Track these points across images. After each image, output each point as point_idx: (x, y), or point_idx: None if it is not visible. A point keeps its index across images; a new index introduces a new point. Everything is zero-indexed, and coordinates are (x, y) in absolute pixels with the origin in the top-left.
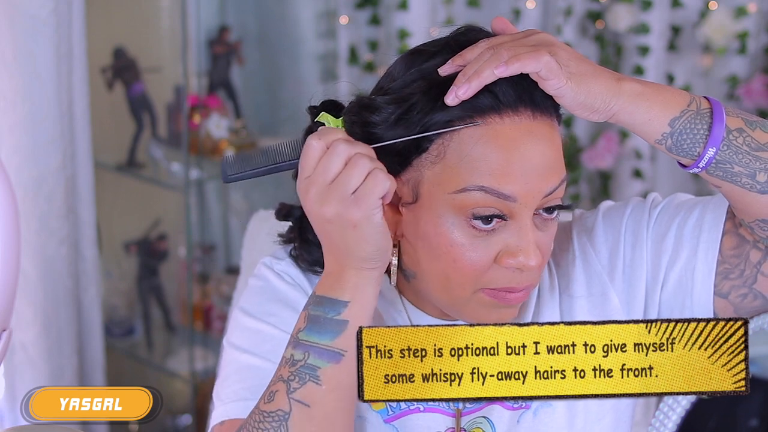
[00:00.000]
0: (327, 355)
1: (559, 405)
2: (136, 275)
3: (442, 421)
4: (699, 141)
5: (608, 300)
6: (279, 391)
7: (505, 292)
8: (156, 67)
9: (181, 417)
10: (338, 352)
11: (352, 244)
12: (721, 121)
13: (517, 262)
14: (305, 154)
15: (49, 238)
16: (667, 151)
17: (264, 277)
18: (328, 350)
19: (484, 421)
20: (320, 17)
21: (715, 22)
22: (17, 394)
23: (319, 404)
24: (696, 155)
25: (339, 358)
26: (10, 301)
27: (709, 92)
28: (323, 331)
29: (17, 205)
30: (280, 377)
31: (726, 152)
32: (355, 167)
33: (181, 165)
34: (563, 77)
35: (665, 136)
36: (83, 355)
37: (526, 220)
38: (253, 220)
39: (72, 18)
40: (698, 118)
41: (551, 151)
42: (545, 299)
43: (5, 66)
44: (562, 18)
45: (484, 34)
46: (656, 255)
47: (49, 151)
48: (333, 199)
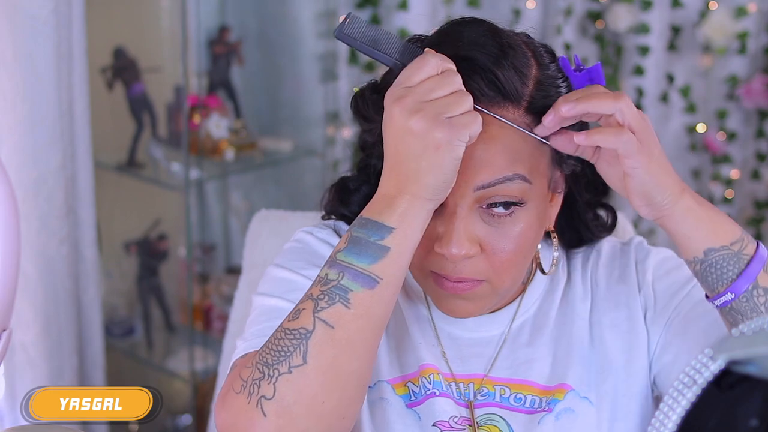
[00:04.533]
0: (362, 279)
1: (581, 410)
2: (136, 275)
3: (455, 407)
4: (724, 281)
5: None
6: (305, 309)
7: (442, 278)
8: (156, 67)
9: (181, 417)
10: (374, 277)
11: (424, 167)
12: (751, 274)
13: (441, 248)
14: (417, 65)
15: (49, 238)
16: (694, 275)
17: (303, 240)
18: (363, 274)
19: (500, 420)
20: (320, 17)
21: (715, 22)
22: (17, 394)
23: (344, 328)
24: (716, 291)
25: (373, 284)
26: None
27: (709, 92)
28: (362, 253)
29: (17, 205)
30: (310, 296)
31: (744, 304)
32: (461, 97)
33: (181, 165)
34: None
35: (696, 261)
36: (83, 355)
37: (459, 211)
38: (255, 219)
39: (72, 18)
40: (734, 260)
41: (495, 146)
42: (575, 305)
43: (5, 66)
44: (562, 18)
45: (479, 23)
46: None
47: (49, 151)
48: (428, 113)
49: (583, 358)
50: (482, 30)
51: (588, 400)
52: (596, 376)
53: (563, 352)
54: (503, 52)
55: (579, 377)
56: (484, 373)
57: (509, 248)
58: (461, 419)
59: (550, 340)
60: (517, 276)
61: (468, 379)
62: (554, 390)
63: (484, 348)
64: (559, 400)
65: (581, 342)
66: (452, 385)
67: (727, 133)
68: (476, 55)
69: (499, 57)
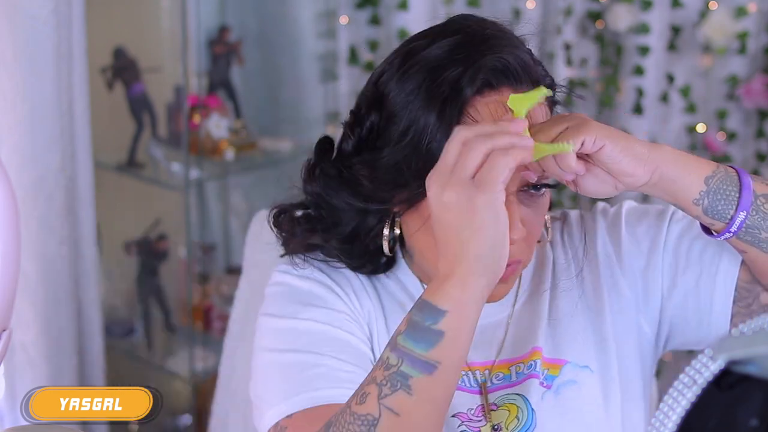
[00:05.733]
0: (420, 365)
1: (585, 381)
2: (136, 275)
3: (471, 399)
4: (731, 203)
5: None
6: (371, 394)
7: None
8: (156, 67)
9: (181, 417)
10: (432, 363)
11: (468, 237)
12: (748, 186)
13: None
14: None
15: (49, 239)
16: (703, 214)
17: (285, 283)
18: (422, 360)
19: (516, 397)
20: (320, 17)
21: (715, 22)
22: (17, 394)
23: (409, 414)
24: (728, 218)
25: (432, 369)
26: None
27: (709, 92)
28: (419, 338)
29: (17, 205)
30: (374, 379)
31: (755, 217)
32: (471, 150)
33: (181, 165)
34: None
35: (702, 195)
36: (83, 355)
37: (508, 196)
38: (255, 219)
39: (72, 18)
40: (728, 179)
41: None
42: (561, 275)
43: (5, 66)
44: (562, 18)
45: (479, 20)
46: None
47: (49, 151)
48: (454, 183)
49: (577, 328)
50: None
51: (588, 368)
52: (595, 345)
53: (558, 325)
54: (519, 40)
55: (575, 348)
56: (494, 358)
57: (541, 225)
58: (477, 409)
59: (546, 314)
60: None
61: (483, 366)
62: (551, 364)
63: (493, 333)
64: (555, 376)
65: (573, 312)
66: (468, 375)
67: (727, 133)
68: (500, 41)
69: (519, 43)
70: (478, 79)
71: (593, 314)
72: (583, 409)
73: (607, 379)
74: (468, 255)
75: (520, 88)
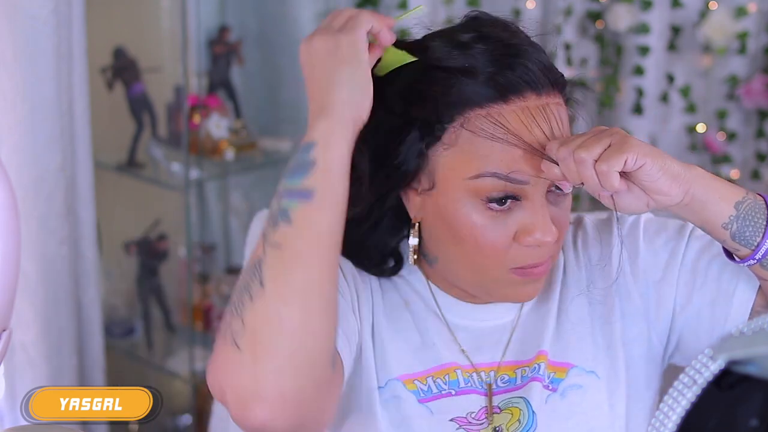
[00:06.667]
0: (297, 195)
1: (591, 386)
2: (136, 275)
3: (476, 400)
4: (759, 230)
5: (631, 297)
6: (258, 245)
7: (531, 268)
8: (156, 67)
9: (181, 417)
10: (308, 191)
11: (332, 72)
12: None
13: (535, 239)
14: None
15: (49, 238)
16: (730, 239)
17: None
18: (297, 190)
19: (519, 400)
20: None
21: (715, 22)
22: (17, 394)
23: (289, 244)
24: (754, 245)
25: (309, 196)
26: (10, 301)
27: (709, 92)
28: (293, 174)
29: (17, 205)
30: (262, 234)
31: None
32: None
33: (181, 165)
34: (635, 150)
35: (732, 219)
36: (83, 355)
37: (539, 199)
38: (255, 219)
39: (72, 18)
40: (756, 207)
41: (558, 131)
42: (571, 272)
43: (5, 66)
44: (562, 18)
45: (493, 21)
46: (690, 283)
47: (49, 151)
48: (322, 33)
49: (585, 334)
50: (502, 22)
51: (595, 374)
52: (603, 351)
53: (566, 330)
54: (534, 42)
55: (583, 354)
56: (500, 360)
57: (567, 223)
58: (480, 411)
59: (554, 318)
60: None
61: (488, 367)
62: (558, 367)
63: (500, 335)
64: (562, 379)
65: (582, 318)
66: (473, 376)
67: (727, 133)
68: (523, 45)
69: (538, 47)
70: (502, 89)
71: (602, 320)
72: (587, 413)
73: (614, 386)
74: (333, 88)
75: (543, 92)
